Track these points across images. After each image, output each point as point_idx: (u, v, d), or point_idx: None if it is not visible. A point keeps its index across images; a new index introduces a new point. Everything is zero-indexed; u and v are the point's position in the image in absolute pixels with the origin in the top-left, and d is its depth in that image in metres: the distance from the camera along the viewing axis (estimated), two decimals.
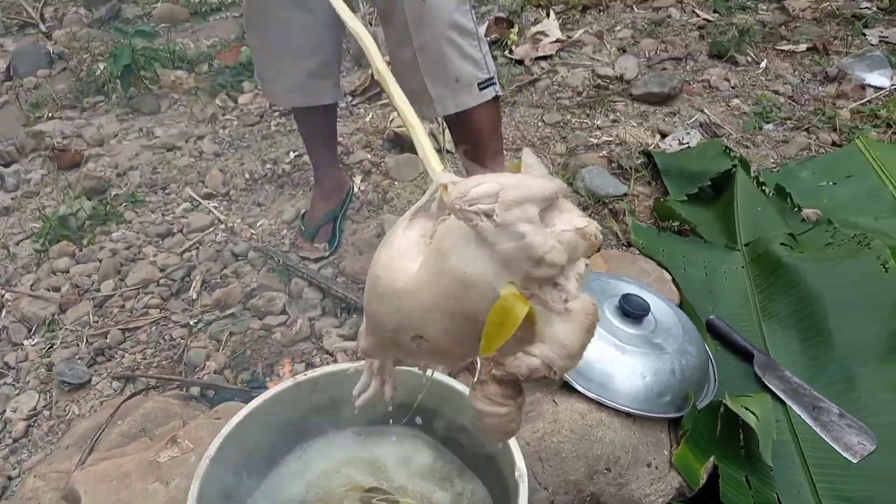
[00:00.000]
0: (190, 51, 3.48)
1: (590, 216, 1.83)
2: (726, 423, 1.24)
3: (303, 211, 2.10)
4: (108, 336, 1.77)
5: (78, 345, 1.77)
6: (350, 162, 2.34)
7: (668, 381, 1.21)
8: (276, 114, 2.78)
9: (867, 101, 2.59)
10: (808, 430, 1.34)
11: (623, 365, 1.20)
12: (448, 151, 2.30)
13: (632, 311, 1.28)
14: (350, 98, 2.77)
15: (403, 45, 1.51)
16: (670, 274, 1.62)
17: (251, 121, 2.76)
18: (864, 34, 2.99)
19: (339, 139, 2.48)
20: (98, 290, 1.94)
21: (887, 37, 2.94)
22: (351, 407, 0.84)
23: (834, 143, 2.39)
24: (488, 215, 0.54)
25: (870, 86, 2.65)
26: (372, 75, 2.73)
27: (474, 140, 1.64)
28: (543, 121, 2.59)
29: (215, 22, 4.04)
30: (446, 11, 1.47)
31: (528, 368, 0.57)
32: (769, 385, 1.44)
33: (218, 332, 1.74)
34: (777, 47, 3.00)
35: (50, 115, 3.03)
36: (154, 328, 1.79)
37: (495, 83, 1.60)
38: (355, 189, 2.18)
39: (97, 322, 1.84)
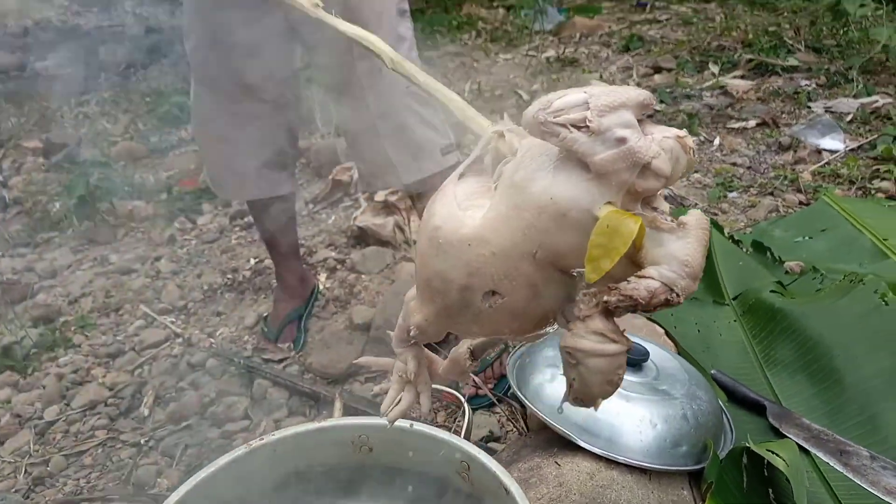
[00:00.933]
0: (148, 183, 3.46)
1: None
2: (751, 474, 1.09)
3: (265, 314, 1.98)
4: (50, 463, 1.57)
5: (15, 476, 1.56)
6: (314, 261, 2.25)
7: (681, 429, 1.07)
8: (237, 227, 2.71)
9: (825, 163, 2.62)
10: (840, 477, 1.19)
11: (630, 415, 1.06)
12: (415, 242, 2.23)
13: (630, 357, 1.15)
14: (311, 205, 2.72)
15: (362, 115, 1.48)
16: (662, 327, 1.51)
17: (211, 237, 2.68)
18: (809, 106, 3.09)
19: (301, 241, 2.40)
20: (41, 418, 1.75)
21: (831, 107, 3.04)
22: (321, 478, 0.69)
23: (801, 203, 2.38)
24: (579, 125, 0.46)
25: (824, 150, 2.70)
26: (333, 181, 2.70)
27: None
28: None
29: (174, 156, 4.06)
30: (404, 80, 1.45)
31: (648, 291, 0.48)
32: (788, 435, 1.29)
33: (171, 447, 1.55)
34: (728, 126, 3.08)
35: (1, 254, 2.92)
36: (100, 450, 1.60)
37: (454, 149, 1.56)
38: (320, 287, 2.07)
39: (38, 450, 1.63)
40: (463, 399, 1.11)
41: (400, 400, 0.69)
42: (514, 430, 1.42)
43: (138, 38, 4.42)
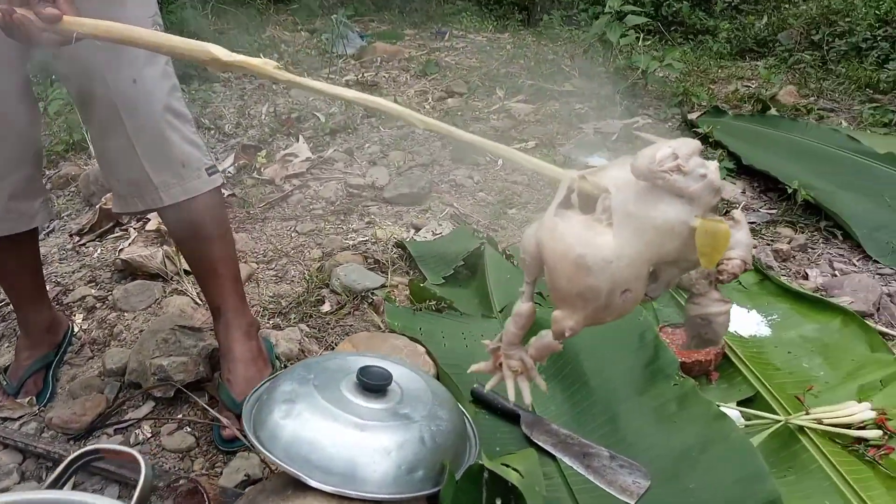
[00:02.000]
0: None
1: (346, 310, 1.73)
2: (492, 490, 1.11)
3: (6, 365, 1.74)
4: None
5: None
6: (69, 301, 2.02)
7: (417, 453, 1.06)
8: None
9: None
10: (582, 480, 1.26)
11: (365, 445, 1.03)
12: (186, 272, 2.09)
13: (372, 383, 1.13)
14: (77, 238, 2.46)
15: (113, 132, 1.33)
16: (424, 346, 1.52)
17: None
18: (581, 127, 3.34)
19: (58, 279, 2.16)
20: None
21: (600, 128, 3.31)
22: None
23: None
24: (677, 170, 0.69)
25: (591, 167, 2.91)
26: (101, 209, 2.47)
27: (203, 231, 1.48)
28: (297, 231, 2.49)
29: None
30: (161, 94, 1.34)
31: (738, 266, 0.74)
32: (537, 441, 1.35)
33: None
34: (511, 146, 3.23)
35: None
36: None
37: (219, 170, 1.47)
38: (75, 329, 1.87)
39: None
40: (140, 458, 1.01)
41: (520, 389, 0.92)
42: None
43: None
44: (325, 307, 2.02)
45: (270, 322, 1.94)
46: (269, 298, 2.06)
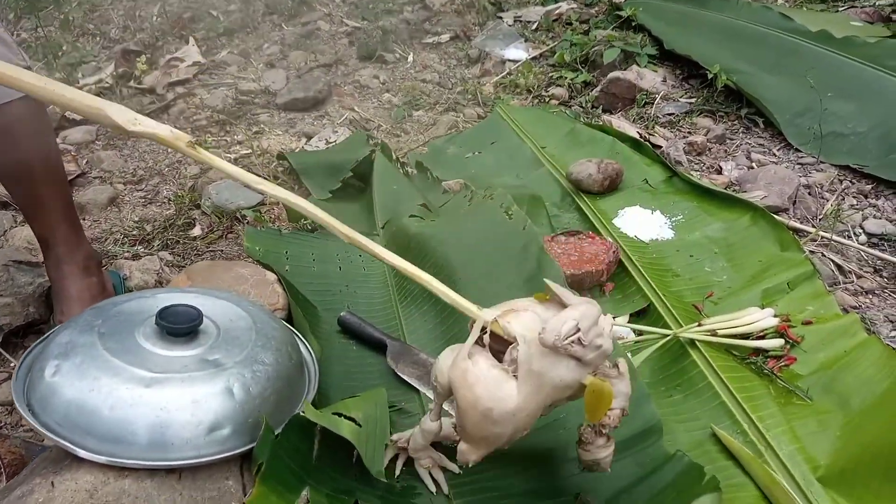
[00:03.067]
0: None
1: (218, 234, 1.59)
2: (327, 440, 0.95)
3: None
4: None
5: None
6: None
7: (221, 408, 0.88)
8: None
9: (507, 73, 2.59)
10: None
11: (148, 404, 0.85)
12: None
13: (173, 326, 0.94)
14: None
15: None
16: (275, 273, 1.32)
17: None
18: (500, 17, 3.05)
19: None
20: None
21: (521, 16, 3.03)
22: None
23: (480, 117, 2.32)
24: (578, 342, 0.81)
25: (509, 60, 2.67)
26: None
27: (18, 147, 1.24)
28: None
29: None
30: None
31: (617, 418, 0.86)
32: (401, 374, 1.19)
33: None
34: (423, 41, 2.95)
35: None
36: None
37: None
38: None
39: None
40: None
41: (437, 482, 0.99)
42: None
43: None
44: (196, 231, 1.80)
45: (131, 251, 1.72)
46: (133, 224, 1.83)
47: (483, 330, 0.85)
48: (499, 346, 0.85)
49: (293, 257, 1.49)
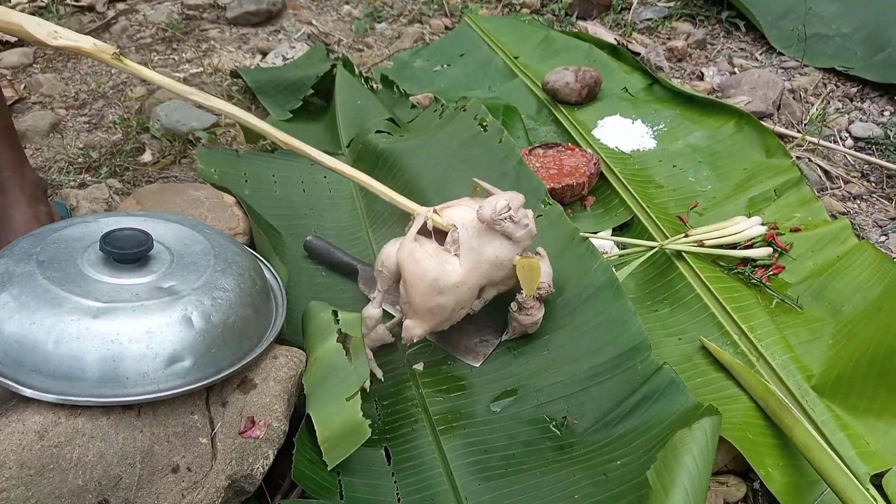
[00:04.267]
0: None
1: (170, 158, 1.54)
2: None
3: None
4: None
5: None
6: None
7: (180, 338, 0.80)
8: None
9: None
10: (421, 344, 1.04)
11: (97, 336, 0.77)
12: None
13: (120, 252, 0.85)
14: None
15: None
16: (233, 195, 1.23)
17: None
18: None
19: None
20: None
21: None
22: None
23: (447, 28, 2.19)
24: (509, 219, 0.94)
25: None
26: None
27: None
28: None
29: None
30: None
31: (546, 290, 0.99)
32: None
33: None
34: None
35: None
36: None
37: None
38: None
39: None
40: None
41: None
42: None
43: None
44: (146, 156, 1.67)
45: (77, 180, 1.59)
46: (78, 151, 1.69)
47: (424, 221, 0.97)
48: (436, 238, 0.97)
49: (253, 179, 1.39)
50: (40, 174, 1.60)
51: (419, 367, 1.01)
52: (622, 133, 1.49)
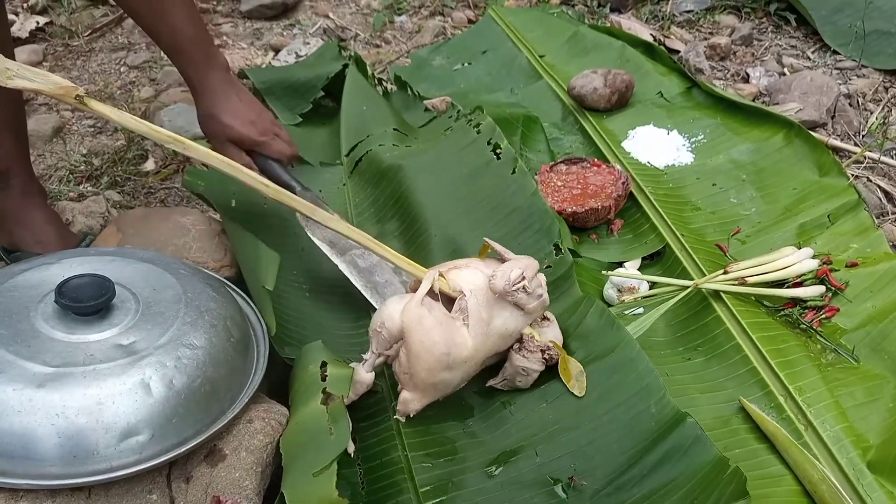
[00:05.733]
0: None
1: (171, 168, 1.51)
2: None
3: None
4: None
5: None
6: None
7: (135, 408, 0.71)
8: None
9: None
10: None
11: (41, 409, 0.68)
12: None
13: (76, 305, 0.76)
14: None
15: None
16: (213, 208, 1.13)
17: None
18: None
19: None
20: None
21: None
22: None
23: (470, 21, 2.05)
24: (523, 290, 0.87)
25: None
26: None
27: None
28: (127, 64, 1.98)
29: None
30: None
31: (557, 353, 0.90)
32: (312, 237, 1.08)
33: None
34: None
35: None
36: None
37: None
38: None
39: None
40: None
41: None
42: None
43: None
44: (148, 164, 1.59)
45: (76, 191, 1.52)
46: (81, 158, 1.62)
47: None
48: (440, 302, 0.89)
49: (241, 193, 1.26)
50: (42, 181, 1.54)
51: (401, 417, 0.90)
52: (655, 145, 1.35)
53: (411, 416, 0.87)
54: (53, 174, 1.58)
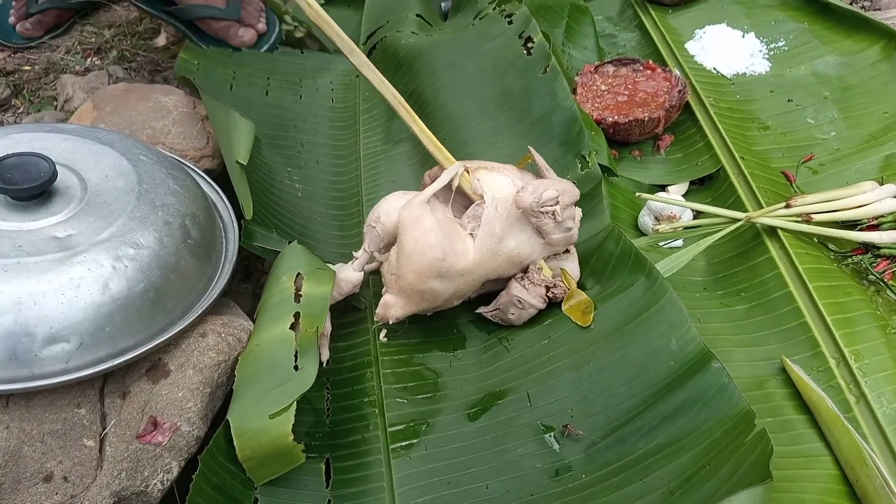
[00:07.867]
0: None
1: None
2: None
3: None
4: None
5: None
6: None
7: (62, 312, 0.62)
8: None
9: None
10: None
11: None
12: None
13: (11, 188, 0.66)
14: None
15: None
16: (202, 91, 0.99)
17: None
18: None
19: None
20: None
21: None
22: None
23: None
24: (552, 215, 0.75)
25: None
26: None
27: None
28: None
29: None
30: None
31: (563, 292, 0.78)
32: None
33: None
34: None
35: None
36: None
37: None
38: None
39: None
40: None
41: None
42: None
43: None
44: (160, 39, 1.46)
45: (83, 64, 1.41)
46: (91, 31, 1.50)
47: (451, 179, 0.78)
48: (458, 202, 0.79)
49: (242, 79, 1.13)
50: (48, 53, 1.44)
51: (383, 338, 0.81)
52: (726, 49, 1.14)
53: (391, 322, 0.76)
54: (62, 44, 1.47)
